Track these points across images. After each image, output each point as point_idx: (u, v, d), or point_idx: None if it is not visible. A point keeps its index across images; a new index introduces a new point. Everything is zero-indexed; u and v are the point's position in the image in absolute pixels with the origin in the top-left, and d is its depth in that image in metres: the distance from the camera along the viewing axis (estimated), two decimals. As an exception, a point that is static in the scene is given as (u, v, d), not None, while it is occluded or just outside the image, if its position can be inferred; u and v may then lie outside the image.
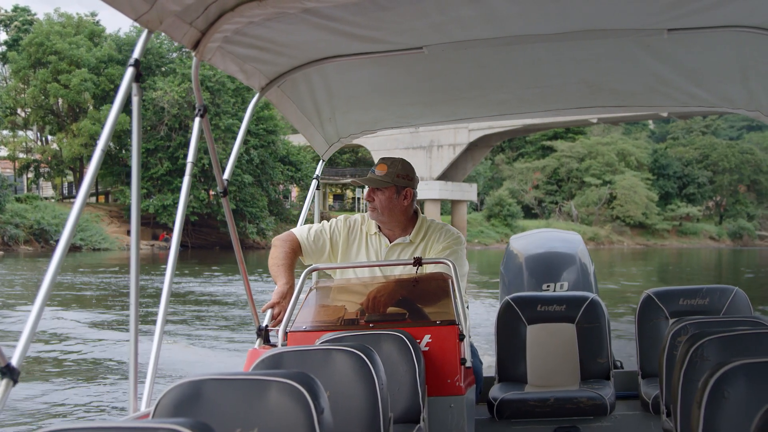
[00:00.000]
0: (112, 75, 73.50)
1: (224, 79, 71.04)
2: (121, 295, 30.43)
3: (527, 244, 8.30)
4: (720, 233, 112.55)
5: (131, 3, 3.77)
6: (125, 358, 17.18)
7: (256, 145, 70.62)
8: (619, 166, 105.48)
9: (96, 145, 3.77)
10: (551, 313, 6.50)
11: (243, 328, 21.46)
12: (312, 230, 5.78)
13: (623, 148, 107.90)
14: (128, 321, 4.01)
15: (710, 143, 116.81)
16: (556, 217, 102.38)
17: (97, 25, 79.82)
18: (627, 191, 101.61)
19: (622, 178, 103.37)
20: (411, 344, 4.67)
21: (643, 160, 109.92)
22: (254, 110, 5.86)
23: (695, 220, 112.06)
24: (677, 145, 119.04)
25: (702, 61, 5.65)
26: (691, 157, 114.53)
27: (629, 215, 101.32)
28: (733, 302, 6.39)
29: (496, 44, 5.17)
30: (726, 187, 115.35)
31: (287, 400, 3.24)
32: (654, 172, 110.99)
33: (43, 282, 3.35)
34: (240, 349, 18.26)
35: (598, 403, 5.76)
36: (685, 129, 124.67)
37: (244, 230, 71.89)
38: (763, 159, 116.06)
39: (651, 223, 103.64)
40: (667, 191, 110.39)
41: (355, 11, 4.50)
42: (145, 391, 4.00)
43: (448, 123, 7.65)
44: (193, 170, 4.63)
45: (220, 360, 16.86)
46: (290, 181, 78.25)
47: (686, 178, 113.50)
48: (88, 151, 73.44)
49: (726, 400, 3.21)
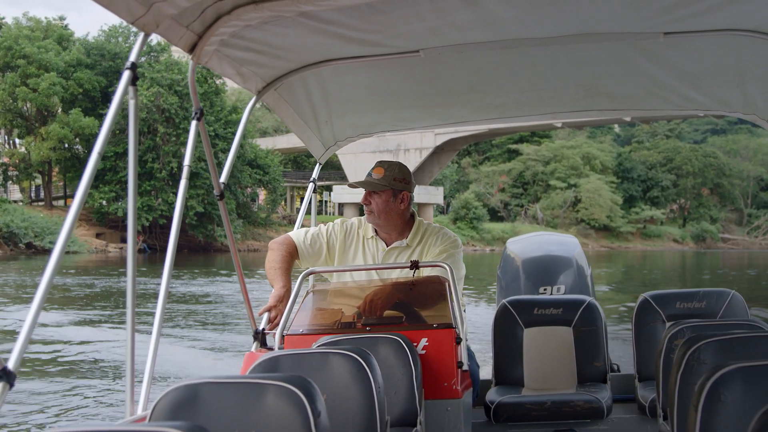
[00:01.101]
0: (81, 79, 73.53)
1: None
2: (97, 296, 30.65)
3: (524, 248, 8.33)
4: (683, 236, 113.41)
5: (128, 6, 3.78)
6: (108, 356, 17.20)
7: (224, 148, 70.64)
8: (584, 169, 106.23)
9: (92, 149, 3.76)
10: (548, 316, 6.50)
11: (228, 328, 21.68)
12: (309, 234, 5.77)
13: (588, 152, 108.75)
14: (110, 320, 3.99)
15: (674, 147, 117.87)
16: (521, 220, 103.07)
17: (66, 29, 79.48)
18: (592, 194, 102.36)
19: (586, 181, 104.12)
20: (408, 347, 4.67)
21: (607, 163, 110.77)
22: (250, 113, 5.85)
23: (659, 223, 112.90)
24: (642, 149, 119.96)
25: (698, 64, 5.66)
26: (655, 161, 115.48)
27: (594, 218, 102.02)
28: (730, 305, 6.40)
29: (493, 48, 5.18)
30: (689, 191, 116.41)
31: (284, 403, 3.24)
32: (618, 175, 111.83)
33: (40, 286, 3.34)
34: (223, 349, 18.58)
35: (595, 406, 5.76)
36: (649, 133, 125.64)
37: (212, 233, 72.75)
38: (726, 163, 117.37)
39: (615, 226, 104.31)
40: (631, 194, 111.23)
41: (351, 14, 4.51)
42: (142, 395, 4.00)
43: (445, 126, 7.66)
44: (188, 173, 4.64)
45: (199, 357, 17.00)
46: (258, 184, 78.25)
47: (650, 181, 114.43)
48: (56, 155, 73.89)
49: (723, 403, 3.21)
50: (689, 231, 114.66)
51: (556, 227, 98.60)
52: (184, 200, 4.61)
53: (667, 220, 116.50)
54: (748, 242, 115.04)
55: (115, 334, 20.05)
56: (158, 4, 3.88)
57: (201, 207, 70.15)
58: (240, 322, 23.89)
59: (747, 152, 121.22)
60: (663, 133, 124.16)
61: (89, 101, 74.88)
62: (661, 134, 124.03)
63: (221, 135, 71.13)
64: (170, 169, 70.67)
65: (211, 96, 73.78)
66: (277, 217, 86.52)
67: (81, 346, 18.48)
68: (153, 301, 28.07)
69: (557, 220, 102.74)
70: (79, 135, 72.37)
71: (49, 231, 64.48)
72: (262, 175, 78.06)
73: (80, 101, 74.04)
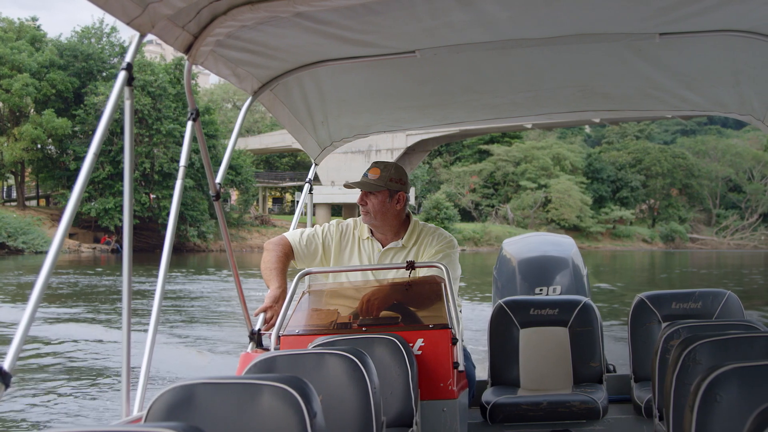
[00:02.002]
0: (54, 80, 73.49)
1: (165, 84, 72.10)
2: (76, 294, 30.89)
3: (520, 248, 8.32)
4: (652, 236, 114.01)
5: (123, 7, 3.79)
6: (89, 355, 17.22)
7: (196, 149, 70.26)
8: (554, 170, 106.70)
9: (88, 151, 3.77)
10: (544, 316, 6.51)
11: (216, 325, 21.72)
12: (304, 234, 5.77)
13: (558, 153, 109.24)
14: (92, 319, 3.97)
15: (643, 148, 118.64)
16: (492, 220, 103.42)
17: (39, 30, 79.34)
18: (562, 195, 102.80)
19: (557, 181, 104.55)
20: (404, 348, 4.67)
21: (577, 164, 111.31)
22: (246, 114, 5.82)
23: (628, 223, 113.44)
24: (611, 150, 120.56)
25: (694, 65, 5.68)
26: (625, 162, 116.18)
27: (564, 218, 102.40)
28: (726, 306, 6.41)
29: (489, 48, 5.18)
30: (658, 191, 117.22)
31: (280, 404, 3.24)
32: (588, 176, 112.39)
33: (35, 287, 3.35)
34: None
35: (591, 406, 5.76)
36: (619, 134, 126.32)
37: (185, 233, 72.76)
38: (694, 163, 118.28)
39: (585, 226, 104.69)
40: (601, 195, 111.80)
41: (347, 15, 4.51)
42: (137, 395, 4.00)
43: (441, 127, 7.63)
44: (183, 174, 4.66)
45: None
46: (230, 185, 78.25)
47: (620, 182, 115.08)
48: (29, 155, 74.14)
49: (718, 403, 3.21)
50: (658, 231, 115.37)
51: (526, 227, 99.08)
52: (180, 200, 4.62)
53: (637, 220, 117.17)
54: (717, 242, 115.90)
55: (97, 332, 20.21)
56: (154, 4, 3.89)
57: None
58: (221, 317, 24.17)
59: (715, 153, 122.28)
60: (633, 134, 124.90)
61: (62, 102, 74.86)
62: (631, 135, 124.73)
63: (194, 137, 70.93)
64: (143, 170, 70.91)
65: (184, 97, 72.83)
66: (250, 217, 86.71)
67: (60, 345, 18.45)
68: (136, 298, 28.52)
69: (528, 220, 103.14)
70: (52, 135, 72.49)
71: (22, 231, 64.97)
72: (234, 176, 78.34)
73: (53, 102, 73.98)
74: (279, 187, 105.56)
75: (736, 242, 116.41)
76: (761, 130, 6.50)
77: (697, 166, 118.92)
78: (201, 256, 64.19)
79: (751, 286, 42.05)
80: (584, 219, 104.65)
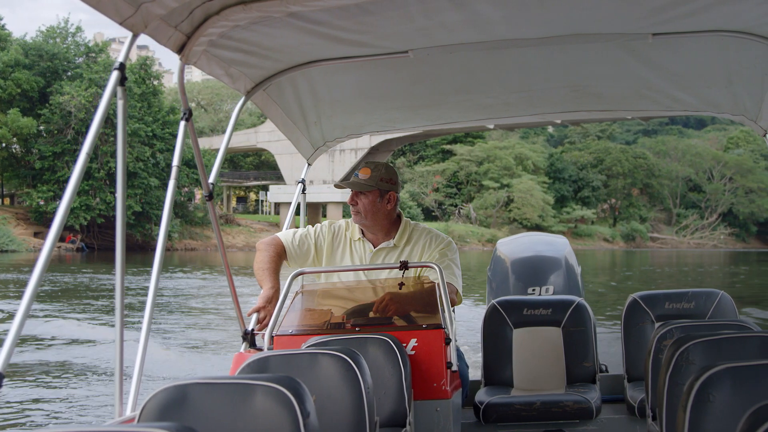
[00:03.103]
0: (19, 79, 73.28)
1: (131, 84, 71.07)
2: (47, 294, 30.89)
3: (513, 248, 8.33)
4: (614, 235, 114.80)
5: (116, 6, 3.78)
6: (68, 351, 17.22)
7: (162, 149, 71.03)
8: (517, 169, 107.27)
9: (80, 149, 3.75)
10: (537, 316, 6.51)
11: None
12: (297, 234, 5.75)
13: (520, 152, 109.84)
14: (66, 315, 3.92)
15: (605, 148, 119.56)
16: (455, 219, 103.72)
17: (3, 30, 78.91)
18: (524, 194, 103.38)
19: (519, 181, 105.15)
20: (397, 348, 4.67)
21: (539, 164, 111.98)
22: (239, 114, 5.82)
23: (590, 222, 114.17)
24: (573, 150, 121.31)
25: (687, 65, 5.69)
26: (586, 162, 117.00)
27: (526, 218, 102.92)
28: (719, 306, 6.43)
29: (482, 48, 5.19)
30: (620, 191, 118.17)
31: (273, 404, 3.24)
32: (550, 175, 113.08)
33: (27, 288, 3.34)
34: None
35: (584, 406, 5.77)
36: (581, 134, 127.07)
37: (149, 232, 73.06)
38: (655, 163, 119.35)
39: (547, 226, 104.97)
40: (562, 194, 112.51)
41: (340, 15, 4.51)
42: (131, 395, 3.99)
43: (434, 127, 7.63)
44: (176, 173, 4.64)
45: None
46: (195, 184, 78.19)
47: (581, 181, 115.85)
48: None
49: (711, 403, 3.22)
50: (619, 230, 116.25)
51: (489, 227, 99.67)
52: (173, 199, 4.60)
53: (598, 219, 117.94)
54: (677, 241, 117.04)
55: (81, 330, 20.56)
56: (146, 4, 3.88)
57: (139, 207, 70.93)
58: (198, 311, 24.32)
59: (676, 153, 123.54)
60: (594, 134, 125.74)
61: (27, 101, 74.63)
62: (593, 135, 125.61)
63: (159, 135, 71.62)
64: (108, 169, 70.89)
65: (149, 97, 74.85)
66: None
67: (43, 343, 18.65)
68: (104, 294, 29.21)
69: (490, 219, 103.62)
70: (17, 135, 72.36)
71: (-13, 229, 64.49)
72: (199, 175, 77.39)
73: (18, 101, 73.77)
74: (243, 186, 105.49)
75: (695, 241, 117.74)
76: (755, 131, 6.51)
77: (658, 166, 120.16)
78: (166, 255, 63.78)
79: (711, 284, 43.33)
80: (546, 218, 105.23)
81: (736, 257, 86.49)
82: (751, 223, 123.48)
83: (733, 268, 63.43)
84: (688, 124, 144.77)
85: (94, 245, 70.52)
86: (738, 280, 47.76)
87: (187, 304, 28.53)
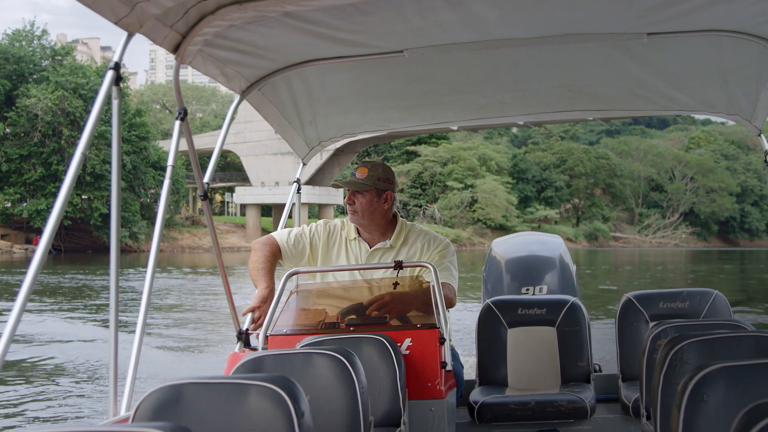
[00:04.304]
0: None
1: (97, 86, 71.34)
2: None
3: (508, 248, 8.32)
4: (576, 235, 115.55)
5: (111, 6, 3.76)
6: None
7: (128, 151, 71.55)
8: (481, 170, 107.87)
9: (74, 150, 3.75)
10: (532, 316, 6.50)
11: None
12: (292, 234, 5.74)
13: (484, 153, 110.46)
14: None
15: (567, 148, 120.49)
16: (420, 219, 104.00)
17: (-32, 32, 78.08)
18: (488, 195, 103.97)
19: (483, 182, 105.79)
20: (392, 348, 4.65)
21: (503, 164, 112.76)
22: (233, 114, 5.81)
23: (553, 222, 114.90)
24: (537, 150, 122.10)
25: (682, 65, 5.69)
26: (550, 162, 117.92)
27: (490, 218, 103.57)
28: (713, 305, 6.42)
29: (477, 48, 5.18)
30: (582, 191, 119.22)
31: (267, 404, 3.24)
32: (514, 176, 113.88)
33: (22, 288, 3.34)
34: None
35: (579, 406, 5.76)
36: (544, 134, 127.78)
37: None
38: (617, 163, 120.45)
39: (511, 226, 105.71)
40: (526, 195, 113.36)
41: (335, 15, 4.50)
42: (125, 395, 3.98)
43: (429, 126, 7.57)
44: (171, 173, 4.66)
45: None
46: (161, 186, 78.09)
47: (544, 182, 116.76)
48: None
49: (705, 403, 3.20)
50: (582, 230, 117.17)
51: (453, 227, 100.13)
52: (167, 200, 4.61)
53: (561, 219, 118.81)
54: (639, 240, 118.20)
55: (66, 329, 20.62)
56: (142, 4, 3.87)
57: (105, 208, 70.54)
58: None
59: (638, 153, 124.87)
60: (558, 135, 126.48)
61: (-7, 104, 74.63)
62: (556, 136, 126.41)
63: (125, 138, 71.64)
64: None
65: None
66: (180, 218, 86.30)
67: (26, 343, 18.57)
68: (74, 293, 29.68)
69: (454, 219, 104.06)
70: (-18, 136, 72.41)
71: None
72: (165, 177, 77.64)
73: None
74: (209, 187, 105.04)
75: (657, 240, 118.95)
76: (749, 130, 6.51)
77: (620, 166, 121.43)
78: (133, 256, 64.64)
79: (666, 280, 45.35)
80: (510, 218, 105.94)
81: (697, 256, 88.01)
82: (712, 223, 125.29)
83: (693, 266, 64.95)
84: (650, 124, 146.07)
85: (61, 247, 70.47)
86: (698, 277, 49.28)
87: (168, 303, 28.59)
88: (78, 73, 73.30)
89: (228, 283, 5.48)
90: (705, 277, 49.77)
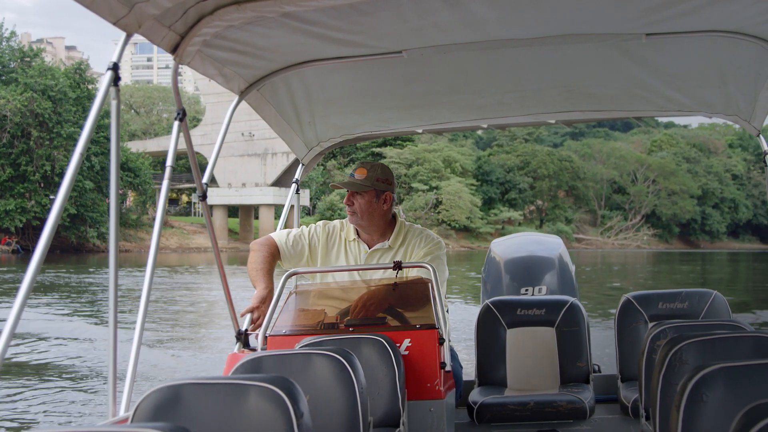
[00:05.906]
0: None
1: (65, 88, 72.97)
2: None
3: (507, 249, 8.32)
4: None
5: (109, 6, 3.77)
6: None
7: (96, 152, 71.18)
8: (445, 172, 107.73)
9: (73, 150, 3.76)
10: (531, 316, 6.50)
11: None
12: (291, 235, 5.76)
13: (449, 155, 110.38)
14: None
15: (531, 151, 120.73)
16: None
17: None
18: (452, 196, 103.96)
19: (447, 184, 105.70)
20: (391, 348, 4.66)
21: (467, 166, 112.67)
22: (232, 114, 5.71)
23: (517, 223, 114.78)
24: (501, 152, 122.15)
25: (680, 65, 5.69)
26: (513, 164, 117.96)
27: (454, 219, 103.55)
28: (712, 306, 6.42)
29: (476, 48, 5.19)
30: (546, 193, 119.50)
31: (267, 404, 3.25)
32: (478, 178, 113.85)
33: (21, 287, 3.35)
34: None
35: (578, 406, 5.77)
36: (509, 136, 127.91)
37: (84, 234, 73.59)
38: (580, 166, 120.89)
39: (475, 227, 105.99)
40: (490, 196, 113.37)
41: (334, 15, 4.51)
42: (124, 396, 3.98)
43: (428, 127, 7.48)
44: (169, 174, 4.63)
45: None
46: (129, 187, 78.15)
47: (508, 183, 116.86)
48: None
49: (704, 403, 3.22)
50: (545, 231, 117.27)
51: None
52: (167, 199, 4.60)
53: (525, 221, 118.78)
54: (601, 242, 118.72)
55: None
56: (140, 4, 3.88)
57: (74, 209, 70.66)
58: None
59: (601, 156, 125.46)
60: (522, 137, 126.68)
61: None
62: (520, 138, 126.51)
63: (94, 139, 70.85)
64: (44, 172, 71.46)
65: (84, 101, 74.65)
66: (148, 218, 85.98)
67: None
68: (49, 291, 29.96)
69: (419, 221, 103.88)
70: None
71: None
72: (132, 178, 78.86)
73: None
74: (176, 188, 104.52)
75: (620, 242, 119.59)
76: (749, 131, 6.53)
77: (583, 169, 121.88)
78: (101, 256, 64.66)
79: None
80: (474, 220, 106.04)
81: (658, 257, 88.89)
82: (674, 224, 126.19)
83: (653, 267, 65.94)
84: (614, 127, 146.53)
85: (29, 247, 69.99)
86: (657, 277, 50.34)
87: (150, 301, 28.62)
88: (47, 75, 73.11)
89: (227, 284, 5.48)
90: (669, 275, 50.65)
